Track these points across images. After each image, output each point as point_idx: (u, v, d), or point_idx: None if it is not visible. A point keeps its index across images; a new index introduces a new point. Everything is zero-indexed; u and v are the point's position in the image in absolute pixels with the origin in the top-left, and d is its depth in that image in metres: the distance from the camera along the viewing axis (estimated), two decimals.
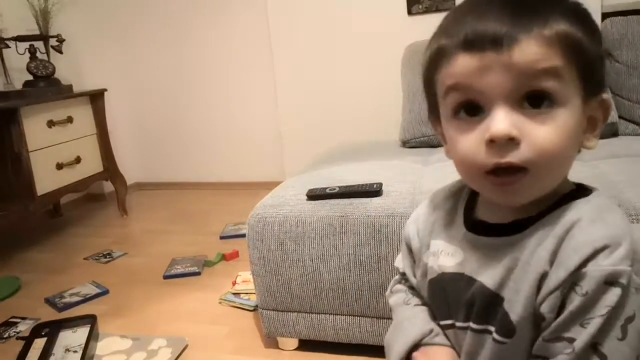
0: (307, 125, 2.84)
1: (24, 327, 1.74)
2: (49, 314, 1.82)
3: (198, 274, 2.01)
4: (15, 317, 1.81)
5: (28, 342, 1.56)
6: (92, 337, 1.55)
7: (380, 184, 1.38)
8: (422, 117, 1.90)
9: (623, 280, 0.47)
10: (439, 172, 1.48)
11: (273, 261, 1.39)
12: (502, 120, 0.49)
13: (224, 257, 2.13)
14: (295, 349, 1.47)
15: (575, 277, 0.48)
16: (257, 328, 1.60)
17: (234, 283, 1.86)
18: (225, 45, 3.06)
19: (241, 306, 1.73)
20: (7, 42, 2.54)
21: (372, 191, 1.36)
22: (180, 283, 1.97)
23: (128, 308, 1.82)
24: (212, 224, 2.56)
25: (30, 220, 2.75)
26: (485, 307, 0.55)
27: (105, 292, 1.94)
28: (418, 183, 1.41)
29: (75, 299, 1.90)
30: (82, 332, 1.60)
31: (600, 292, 0.47)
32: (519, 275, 0.52)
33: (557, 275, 0.49)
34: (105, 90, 2.78)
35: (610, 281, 0.47)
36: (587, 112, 0.52)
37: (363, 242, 1.29)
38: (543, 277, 0.51)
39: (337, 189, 1.39)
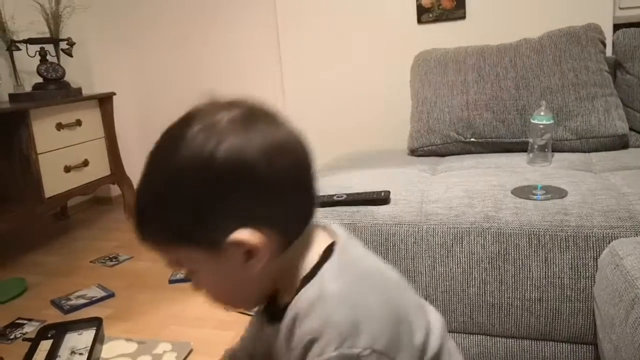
0: (314, 132, 2.83)
1: (30, 329, 1.74)
2: (55, 316, 1.82)
3: None
4: (22, 319, 1.82)
5: (34, 343, 1.56)
6: (97, 339, 1.56)
7: (388, 192, 1.37)
8: (430, 126, 1.90)
9: None
10: (447, 181, 1.47)
11: None
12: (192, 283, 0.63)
13: None
14: None
15: None
16: None
17: None
18: (234, 52, 3.08)
19: (247, 312, 1.73)
20: (18, 44, 2.56)
21: (380, 199, 1.35)
22: (185, 288, 1.97)
23: (133, 311, 1.82)
24: None
25: (38, 222, 2.77)
26: None
27: (111, 295, 1.94)
28: (426, 192, 1.41)
29: (81, 301, 1.90)
30: (87, 335, 1.60)
31: None
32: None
33: None
34: (114, 94, 2.80)
35: None
36: (234, 253, 0.56)
37: (370, 250, 1.29)
38: None
39: (345, 196, 1.39)
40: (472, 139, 1.85)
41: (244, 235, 0.55)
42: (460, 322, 1.24)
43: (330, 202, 1.38)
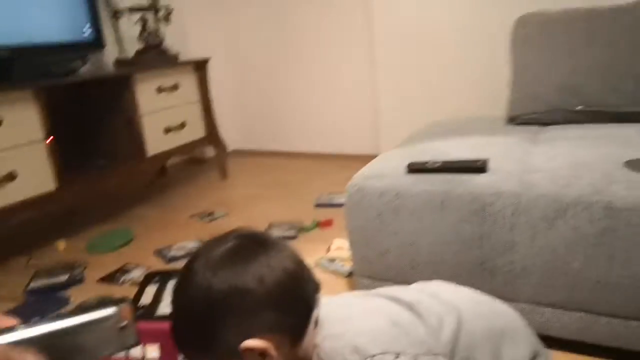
0: (405, 99, 2.79)
1: (137, 274, 1.90)
2: (158, 265, 1.97)
3: (294, 238, 2.08)
4: (129, 265, 1.99)
5: (141, 287, 1.70)
6: None
7: (486, 160, 1.33)
8: (532, 93, 1.80)
9: None
10: (550, 151, 1.40)
11: (370, 231, 1.40)
12: None
13: (318, 225, 2.18)
14: None
15: None
16: None
17: (329, 249, 1.91)
18: (325, 17, 3.07)
19: (335, 272, 1.78)
20: (121, 13, 2.71)
21: (477, 167, 1.32)
22: None
23: None
24: (306, 192, 2.62)
25: (141, 179, 2.97)
26: None
27: None
28: (527, 162, 1.35)
29: (181, 253, 2.04)
30: None
31: None
32: None
33: None
34: (209, 59, 2.90)
35: None
36: (251, 355, 0.67)
37: (464, 219, 1.27)
38: None
39: (440, 163, 1.37)
40: (580, 108, 1.73)
41: (252, 343, 0.66)
42: (559, 298, 1.20)
43: (424, 169, 1.37)
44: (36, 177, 2.01)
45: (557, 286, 1.19)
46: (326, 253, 1.90)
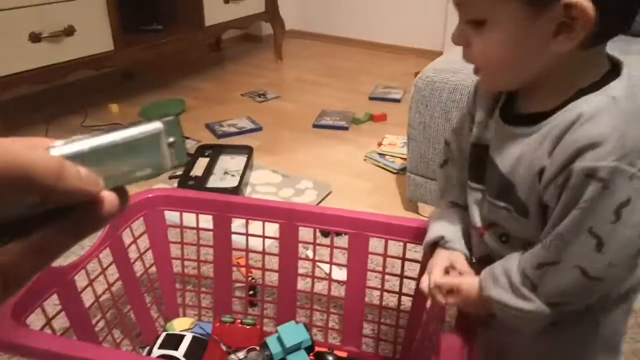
0: None
1: (188, 146, 1.91)
2: (209, 138, 1.98)
3: (346, 128, 2.04)
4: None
5: (194, 158, 1.72)
6: (247, 166, 1.68)
7: None
8: None
9: (603, 175, 0.51)
10: None
11: (434, 129, 1.35)
12: (454, 32, 0.61)
13: (371, 118, 2.12)
14: None
15: (566, 173, 0.54)
16: (399, 191, 1.62)
17: (380, 144, 1.87)
18: None
19: (385, 167, 1.75)
20: None
21: None
22: (328, 134, 2.02)
23: (279, 148, 1.92)
24: (362, 83, 2.53)
25: (196, 49, 2.92)
26: (501, 188, 0.64)
27: (258, 129, 2.05)
28: None
29: (232, 129, 2.04)
30: (239, 160, 1.73)
31: (583, 186, 0.53)
32: (525, 166, 0.59)
33: (551, 170, 0.56)
34: None
35: (590, 175, 0.52)
36: (550, 20, 0.53)
37: None
38: (542, 171, 0.57)
39: None
40: None
41: (581, 2, 0.51)
42: None
43: None
44: (94, 34, 1.97)
45: None
46: (377, 147, 1.86)
